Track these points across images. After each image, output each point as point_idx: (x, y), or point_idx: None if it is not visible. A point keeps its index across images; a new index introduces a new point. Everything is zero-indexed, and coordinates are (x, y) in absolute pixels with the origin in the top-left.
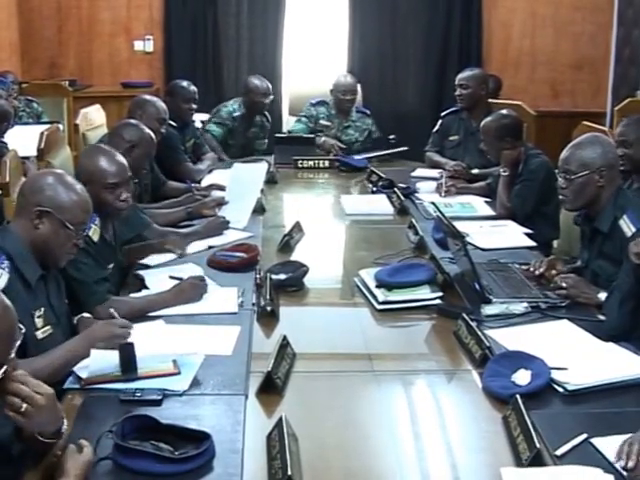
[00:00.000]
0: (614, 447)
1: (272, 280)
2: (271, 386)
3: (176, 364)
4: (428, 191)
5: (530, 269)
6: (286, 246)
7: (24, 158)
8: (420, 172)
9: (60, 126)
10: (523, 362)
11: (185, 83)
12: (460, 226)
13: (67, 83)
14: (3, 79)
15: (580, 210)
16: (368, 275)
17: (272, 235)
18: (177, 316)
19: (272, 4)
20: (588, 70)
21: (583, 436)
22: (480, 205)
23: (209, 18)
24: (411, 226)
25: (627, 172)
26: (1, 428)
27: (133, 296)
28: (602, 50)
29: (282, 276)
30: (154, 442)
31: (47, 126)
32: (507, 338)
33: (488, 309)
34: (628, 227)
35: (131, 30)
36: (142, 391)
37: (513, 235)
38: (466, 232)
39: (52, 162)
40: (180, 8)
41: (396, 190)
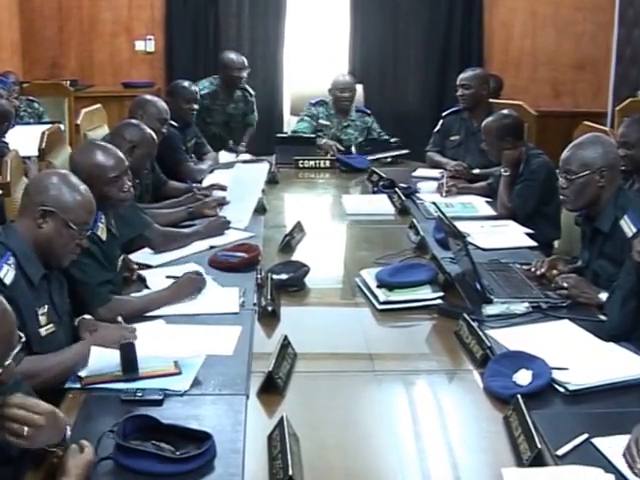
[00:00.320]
0: (615, 447)
1: (273, 280)
2: (272, 386)
3: (177, 364)
4: (429, 191)
5: (531, 269)
6: (287, 246)
7: (25, 158)
8: (421, 172)
9: (61, 126)
10: (524, 362)
11: (186, 83)
12: (461, 226)
13: (68, 83)
14: (4, 79)
15: (581, 210)
16: (369, 275)
17: (273, 235)
18: (178, 316)
19: (273, 4)
20: (589, 70)
21: (584, 436)
22: (481, 205)
23: (210, 18)
24: (412, 226)
25: (628, 172)
26: (1, 429)
27: (134, 296)
28: (603, 50)
29: (283, 276)
30: (155, 442)
31: (48, 126)
32: (508, 338)
33: (489, 309)
34: (629, 227)
35: (132, 30)
36: (143, 391)
37: (514, 235)
38: (467, 232)
39: (53, 162)
40: (181, 8)
41: (397, 190)
